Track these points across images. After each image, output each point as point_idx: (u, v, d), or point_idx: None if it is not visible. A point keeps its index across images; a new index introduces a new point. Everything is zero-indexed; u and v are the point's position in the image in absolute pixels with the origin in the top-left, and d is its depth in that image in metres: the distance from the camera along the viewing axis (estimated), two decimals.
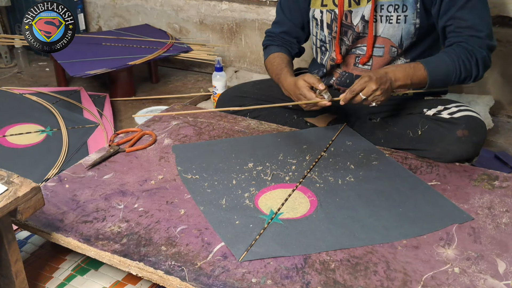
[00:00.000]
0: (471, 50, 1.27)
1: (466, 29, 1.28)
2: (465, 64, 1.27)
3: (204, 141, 1.41)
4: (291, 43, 1.57)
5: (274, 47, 1.57)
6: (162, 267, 0.92)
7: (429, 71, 1.26)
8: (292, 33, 1.57)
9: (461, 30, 1.29)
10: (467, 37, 1.28)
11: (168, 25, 2.59)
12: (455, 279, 0.90)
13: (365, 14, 1.37)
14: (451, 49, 1.29)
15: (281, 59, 1.50)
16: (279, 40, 1.57)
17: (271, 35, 1.60)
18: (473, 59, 1.27)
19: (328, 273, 0.91)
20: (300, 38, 1.59)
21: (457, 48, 1.29)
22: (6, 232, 0.88)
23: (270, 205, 1.11)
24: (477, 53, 1.27)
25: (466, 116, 1.29)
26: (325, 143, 1.37)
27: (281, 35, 1.57)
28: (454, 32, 1.30)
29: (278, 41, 1.57)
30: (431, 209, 1.10)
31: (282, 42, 1.57)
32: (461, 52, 1.27)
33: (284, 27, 1.57)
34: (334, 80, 1.53)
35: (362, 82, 1.22)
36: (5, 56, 2.64)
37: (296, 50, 1.59)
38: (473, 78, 1.31)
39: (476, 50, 1.27)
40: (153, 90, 2.33)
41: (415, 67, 1.27)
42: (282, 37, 1.57)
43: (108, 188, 1.17)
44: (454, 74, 1.28)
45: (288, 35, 1.57)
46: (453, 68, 1.27)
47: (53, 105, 1.78)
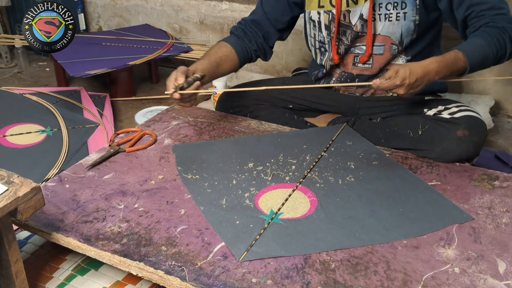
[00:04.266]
0: (501, 27, 1.24)
1: (489, 11, 1.26)
2: (499, 42, 1.24)
3: (204, 141, 1.41)
4: (255, 36, 1.52)
5: (233, 36, 1.53)
6: (162, 267, 0.92)
7: (468, 57, 1.22)
8: (262, 25, 1.52)
9: (484, 12, 1.26)
10: (492, 16, 1.26)
11: (168, 25, 2.59)
12: (455, 279, 0.90)
13: (363, 13, 1.36)
14: (482, 31, 1.25)
15: (216, 50, 1.45)
16: (245, 31, 1.52)
17: (242, 22, 1.55)
18: (506, 35, 1.24)
19: (328, 273, 0.91)
20: (270, 35, 1.53)
21: (487, 28, 1.25)
22: (6, 232, 0.88)
23: (270, 205, 1.11)
24: (508, 29, 1.24)
25: (467, 116, 1.29)
26: (325, 143, 1.37)
27: (250, 23, 1.53)
28: (477, 17, 1.27)
29: (243, 31, 1.52)
30: (431, 209, 1.10)
31: (246, 33, 1.52)
32: (493, 31, 1.24)
33: (255, 16, 1.53)
34: (334, 80, 1.53)
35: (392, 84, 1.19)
36: (5, 56, 2.64)
37: (255, 46, 1.52)
38: (508, 55, 1.27)
39: (506, 26, 1.24)
40: (153, 90, 2.33)
41: (456, 58, 1.22)
42: (251, 26, 1.52)
43: (108, 188, 1.17)
44: (491, 55, 1.24)
45: (257, 26, 1.52)
46: (488, 48, 1.23)
47: (53, 105, 1.79)
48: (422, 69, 1.20)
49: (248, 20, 1.54)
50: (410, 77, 1.18)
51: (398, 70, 1.19)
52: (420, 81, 1.19)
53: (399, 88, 1.20)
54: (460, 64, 1.22)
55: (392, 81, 1.19)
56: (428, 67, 1.20)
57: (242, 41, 1.51)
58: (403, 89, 1.19)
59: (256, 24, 1.52)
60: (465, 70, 1.24)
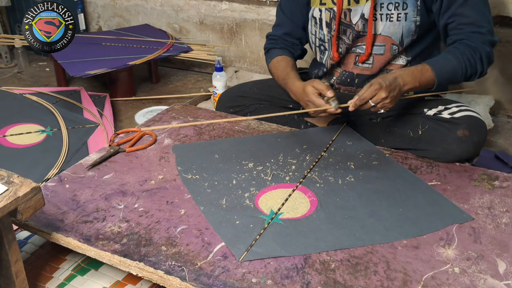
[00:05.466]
0: (474, 47, 1.27)
1: (468, 26, 1.28)
2: (470, 61, 1.27)
3: (204, 141, 1.41)
4: (293, 45, 1.57)
5: (277, 50, 1.56)
6: (162, 267, 0.92)
7: (436, 72, 1.26)
8: (294, 34, 1.56)
9: (463, 26, 1.29)
10: (469, 33, 1.28)
11: (168, 25, 2.59)
12: (455, 279, 0.90)
13: (364, 12, 1.37)
14: (454, 48, 1.29)
15: (286, 63, 1.49)
16: (282, 43, 1.57)
17: (273, 37, 1.59)
18: (477, 55, 1.27)
19: (328, 273, 0.91)
20: (303, 38, 1.58)
21: (460, 46, 1.28)
22: (6, 232, 0.88)
23: (270, 205, 1.11)
24: (480, 49, 1.27)
25: (467, 116, 1.29)
26: (325, 143, 1.37)
27: (284, 37, 1.56)
28: (456, 29, 1.30)
29: (280, 43, 1.57)
30: (431, 209, 1.10)
31: (285, 44, 1.57)
32: (465, 49, 1.27)
33: (285, 28, 1.56)
34: (334, 79, 1.53)
35: (372, 90, 1.21)
36: (5, 56, 2.64)
37: (299, 51, 1.59)
38: (478, 74, 1.30)
39: (479, 46, 1.27)
40: (153, 90, 2.33)
41: (422, 69, 1.26)
42: (285, 39, 1.57)
43: (108, 188, 1.17)
44: (460, 72, 1.28)
45: (291, 36, 1.56)
46: (458, 66, 1.27)
47: (53, 105, 1.78)
48: (391, 75, 1.24)
49: (280, 35, 1.57)
50: (385, 81, 1.20)
51: (370, 82, 1.23)
52: (394, 84, 1.21)
53: (380, 92, 1.19)
54: (428, 77, 1.26)
55: (371, 88, 1.20)
56: (395, 73, 1.25)
57: (287, 50, 1.55)
58: (384, 91, 1.19)
59: (290, 35, 1.56)
60: (434, 83, 1.27)
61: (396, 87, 1.22)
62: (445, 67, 1.27)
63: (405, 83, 1.24)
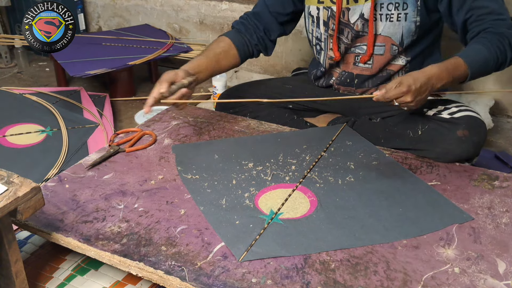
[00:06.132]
0: (501, 33, 1.22)
1: (488, 15, 1.24)
2: (499, 48, 1.22)
3: (204, 141, 1.41)
4: (256, 30, 1.50)
5: (234, 31, 1.51)
6: (162, 267, 0.92)
7: (469, 64, 1.20)
8: (263, 18, 1.50)
9: (484, 16, 1.25)
10: (492, 21, 1.24)
11: (168, 25, 2.59)
12: (455, 279, 0.90)
13: (364, 12, 1.36)
14: (481, 38, 1.23)
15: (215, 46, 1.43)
16: (245, 24, 1.50)
17: (243, 16, 1.54)
18: (506, 41, 1.22)
19: (328, 273, 0.91)
20: (271, 28, 1.51)
21: (486, 35, 1.23)
22: (6, 232, 0.88)
23: (270, 205, 1.11)
24: (507, 34, 1.23)
25: (466, 116, 1.29)
26: (325, 143, 1.37)
27: (252, 17, 1.51)
28: (477, 22, 1.26)
29: (243, 25, 1.50)
30: (431, 209, 1.10)
31: (247, 26, 1.50)
32: (492, 37, 1.22)
33: (257, 9, 1.52)
34: (334, 79, 1.53)
35: (398, 91, 1.14)
36: (5, 56, 2.64)
37: (255, 40, 1.50)
38: (509, 61, 1.25)
39: (506, 32, 1.23)
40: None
41: (456, 64, 1.20)
42: (252, 19, 1.51)
43: (108, 188, 1.17)
44: (492, 62, 1.22)
45: (258, 19, 1.50)
46: (490, 55, 1.21)
47: (53, 105, 1.78)
48: (424, 74, 1.17)
49: (250, 14, 1.53)
50: (415, 83, 1.14)
51: (401, 79, 1.15)
52: (425, 87, 1.15)
53: (406, 95, 1.14)
54: (461, 70, 1.20)
55: (398, 88, 1.14)
56: (429, 72, 1.17)
57: (243, 35, 1.49)
58: (411, 96, 1.14)
59: (257, 16, 1.51)
60: (467, 76, 1.21)
61: (427, 89, 1.16)
62: (477, 58, 1.20)
63: (439, 81, 1.17)
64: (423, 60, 1.43)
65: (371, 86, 1.48)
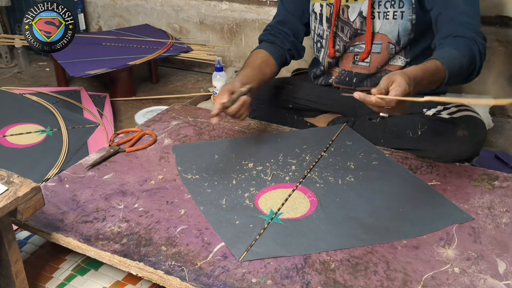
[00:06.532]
0: (471, 38, 1.21)
1: (461, 16, 1.23)
2: (470, 54, 1.19)
3: (204, 141, 1.41)
4: (286, 36, 1.52)
5: (264, 43, 1.53)
6: (162, 267, 0.92)
7: (447, 68, 1.14)
8: (289, 23, 1.52)
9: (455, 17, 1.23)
10: (463, 25, 1.22)
11: (168, 25, 2.59)
12: (455, 279, 0.90)
13: (363, 10, 1.37)
14: (453, 41, 1.21)
15: (255, 58, 1.44)
16: (273, 34, 1.52)
17: (267, 28, 1.55)
18: (475, 47, 1.20)
19: (328, 273, 0.91)
20: (298, 31, 1.53)
21: (459, 40, 1.21)
22: (6, 232, 0.88)
23: (270, 205, 1.11)
24: (478, 41, 1.21)
25: (466, 116, 1.29)
26: (325, 143, 1.37)
27: (277, 25, 1.53)
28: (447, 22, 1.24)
29: (271, 35, 1.52)
30: (431, 209, 1.10)
31: (276, 35, 1.52)
32: (465, 44, 1.20)
33: (279, 17, 1.53)
34: (333, 79, 1.53)
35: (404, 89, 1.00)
36: (5, 56, 2.64)
37: (288, 46, 1.51)
38: (476, 71, 1.23)
39: (475, 38, 1.21)
40: (153, 90, 2.33)
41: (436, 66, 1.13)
42: (278, 27, 1.52)
43: (108, 188, 1.17)
44: (465, 70, 1.19)
45: (284, 25, 1.52)
46: (464, 62, 1.18)
47: (53, 105, 1.78)
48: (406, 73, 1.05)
49: (274, 24, 1.54)
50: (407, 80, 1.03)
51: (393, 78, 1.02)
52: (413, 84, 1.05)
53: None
54: (441, 74, 1.13)
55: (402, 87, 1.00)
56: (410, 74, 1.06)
57: (275, 45, 1.51)
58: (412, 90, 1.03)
59: (282, 23, 1.52)
60: (442, 82, 1.15)
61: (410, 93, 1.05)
62: (453, 62, 1.15)
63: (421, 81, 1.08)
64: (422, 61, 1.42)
65: (370, 85, 1.48)
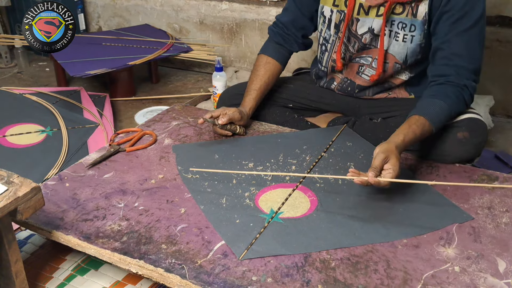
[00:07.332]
0: (463, 85, 1.24)
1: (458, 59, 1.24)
2: (458, 104, 1.25)
3: (204, 141, 1.41)
4: (295, 38, 1.53)
5: (272, 45, 1.54)
6: (162, 265, 0.92)
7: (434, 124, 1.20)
8: (298, 23, 1.53)
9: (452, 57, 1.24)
10: (458, 69, 1.24)
11: (168, 25, 2.59)
12: (455, 278, 0.90)
13: (374, 27, 1.35)
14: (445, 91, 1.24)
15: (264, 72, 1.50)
16: (283, 36, 1.53)
17: (277, 24, 1.56)
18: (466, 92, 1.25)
19: (328, 271, 0.91)
20: (307, 28, 1.54)
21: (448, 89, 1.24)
22: (6, 232, 0.88)
23: (270, 204, 1.11)
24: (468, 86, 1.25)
25: (467, 118, 1.29)
26: (325, 143, 1.37)
27: (287, 24, 1.53)
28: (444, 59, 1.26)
29: (281, 36, 1.54)
30: (431, 209, 1.10)
31: (285, 38, 1.53)
32: (455, 91, 1.24)
33: (291, 16, 1.53)
34: (335, 85, 1.53)
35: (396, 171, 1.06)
36: (5, 56, 2.64)
37: (296, 48, 1.56)
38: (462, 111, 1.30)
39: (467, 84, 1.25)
40: (153, 90, 2.33)
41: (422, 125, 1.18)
42: (288, 28, 1.53)
43: (108, 187, 1.17)
44: (453, 116, 1.27)
45: (294, 25, 1.53)
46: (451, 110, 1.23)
47: (53, 105, 1.78)
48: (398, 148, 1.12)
49: (286, 22, 1.54)
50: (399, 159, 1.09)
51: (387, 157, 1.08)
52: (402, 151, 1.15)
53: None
54: (427, 133, 1.19)
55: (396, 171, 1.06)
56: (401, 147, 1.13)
57: (284, 48, 1.55)
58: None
59: (294, 23, 1.53)
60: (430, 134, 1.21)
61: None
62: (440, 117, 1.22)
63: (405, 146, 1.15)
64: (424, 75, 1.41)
65: (371, 95, 1.49)
